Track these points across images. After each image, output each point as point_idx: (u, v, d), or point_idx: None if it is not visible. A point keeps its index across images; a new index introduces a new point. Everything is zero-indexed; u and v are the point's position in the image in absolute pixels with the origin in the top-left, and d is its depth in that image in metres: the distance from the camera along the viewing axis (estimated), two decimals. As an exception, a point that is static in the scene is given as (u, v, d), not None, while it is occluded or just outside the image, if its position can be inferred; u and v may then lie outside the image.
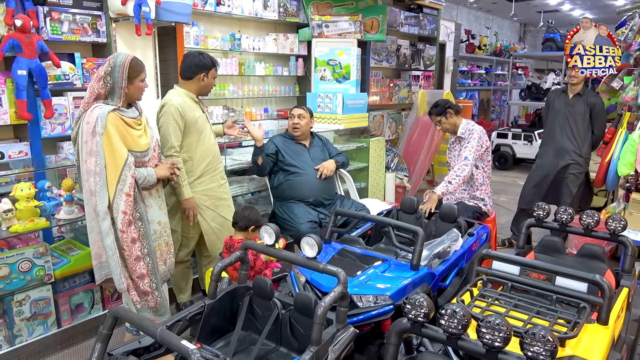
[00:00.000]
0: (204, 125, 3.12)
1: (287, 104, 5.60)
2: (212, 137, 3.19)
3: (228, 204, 3.28)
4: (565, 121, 4.32)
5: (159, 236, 2.65)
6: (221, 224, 3.21)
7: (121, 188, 2.36)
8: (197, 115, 3.07)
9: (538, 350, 1.31)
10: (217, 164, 3.23)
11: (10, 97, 3.19)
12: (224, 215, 3.22)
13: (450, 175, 3.62)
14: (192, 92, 3.09)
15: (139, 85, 2.53)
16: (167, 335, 1.50)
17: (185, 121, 2.99)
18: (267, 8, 4.92)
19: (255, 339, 2.15)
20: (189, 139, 3.03)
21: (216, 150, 3.21)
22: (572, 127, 4.28)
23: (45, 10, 3.32)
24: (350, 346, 1.93)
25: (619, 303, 2.16)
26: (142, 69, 2.54)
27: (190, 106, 3.05)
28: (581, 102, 4.26)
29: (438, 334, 1.51)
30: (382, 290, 2.42)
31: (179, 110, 2.96)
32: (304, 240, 2.02)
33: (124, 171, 2.36)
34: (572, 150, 4.30)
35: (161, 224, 2.67)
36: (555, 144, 4.37)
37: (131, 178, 2.39)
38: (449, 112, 3.84)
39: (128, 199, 2.38)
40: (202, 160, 3.10)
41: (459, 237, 2.91)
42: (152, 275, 2.54)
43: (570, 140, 4.29)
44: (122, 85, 2.43)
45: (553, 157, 4.39)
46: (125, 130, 2.43)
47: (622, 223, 2.45)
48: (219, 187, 3.22)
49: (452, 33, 8.52)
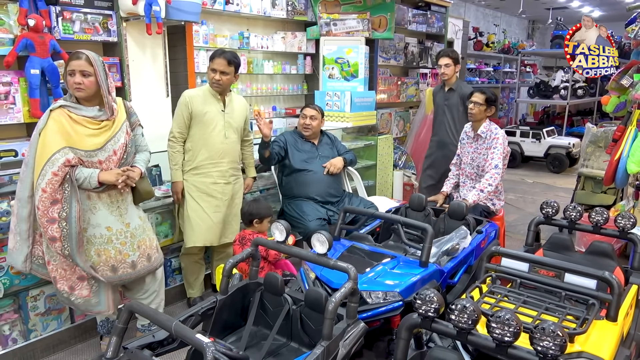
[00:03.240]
0: (214, 120, 3.19)
1: (295, 102, 5.62)
2: (221, 135, 3.22)
3: (217, 203, 3.26)
4: (443, 115, 4.54)
5: (107, 241, 2.54)
6: (202, 219, 3.23)
7: (39, 182, 2.33)
8: (207, 109, 3.17)
9: (548, 345, 1.33)
10: (219, 162, 3.24)
11: (24, 96, 3.22)
12: (207, 212, 3.24)
13: (482, 184, 3.58)
14: (212, 87, 3.22)
15: (67, 78, 2.44)
16: (181, 329, 1.53)
17: (191, 112, 3.15)
18: (276, 6, 4.95)
19: (266, 334, 2.18)
20: (194, 129, 3.19)
21: (222, 149, 3.23)
22: (449, 120, 4.49)
23: (58, 10, 3.34)
24: (360, 341, 1.96)
25: (628, 300, 2.17)
26: (69, 60, 2.46)
27: (204, 99, 3.19)
28: (455, 95, 4.44)
29: (448, 329, 1.53)
30: (391, 286, 2.44)
31: (187, 100, 3.17)
32: (315, 236, 2.05)
33: (46, 166, 2.32)
34: (450, 143, 4.47)
35: (111, 230, 2.55)
36: (437, 137, 4.60)
37: (51, 175, 2.32)
38: (492, 108, 3.79)
39: (43, 194, 2.33)
40: (201, 153, 3.19)
41: (468, 235, 2.92)
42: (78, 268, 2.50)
43: (447, 133, 4.51)
44: (65, 80, 2.45)
45: (436, 149, 4.62)
46: (70, 126, 2.40)
47: (631, 221, 2.45)
48: (212, 183, 3.24)
49: (460, 30, 8.49)
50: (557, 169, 8.69)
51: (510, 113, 13.04)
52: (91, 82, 2.43)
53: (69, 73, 2.42)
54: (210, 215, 3.23)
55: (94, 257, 2.52)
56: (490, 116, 3.80)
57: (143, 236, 2.68)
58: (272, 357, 2.07)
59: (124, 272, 2.59)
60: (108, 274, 2.55)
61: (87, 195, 2.50)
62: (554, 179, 8.30)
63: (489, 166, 3.62)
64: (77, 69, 2.41)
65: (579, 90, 9.73)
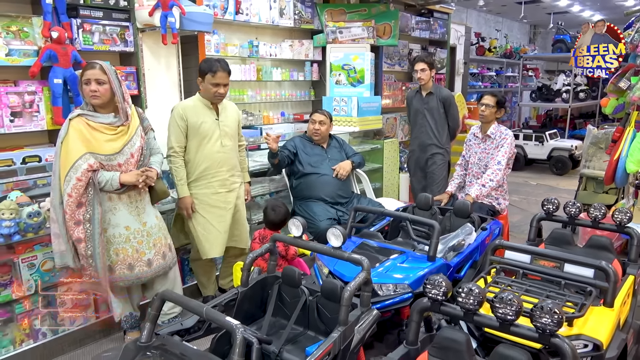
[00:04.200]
0: (210, 131, 3.17)
1: (303, 108, 5.78)
2: (217, 144, 3.20)
3: (221, 213, 3.26)
4: (423, 118, 4.65)
5: (125, 240, 2.70)
6: (208, 231, 3.24)
7: (65, 188, 2.50)
8: (202, 120, 3.15)
9: (546, 322, 1.47)
10: (217, 172, 3.23)
11: (47, 104, 3.38)
12: (212, 222, 3.24)
13: (484, 179, 3.75)
14: (204, 97, 3.21)
15: (83, 87, 2.62)
16: (212, 313, 1.68)
17: (187, 124, 3.13)
18: (283, 15, 5.12)
19: (284, 324, 2.32)
20: (191, 141, 3.17)
21: (219, 158, 3.22)
22: (430, 122, 4.62)
23: (78, 23, 3.49)
24: (373, 328, 2.10)
25: (624, 289, 2.30)
26: (84, 70, 2.63)
27: (198, 110, 3.17)
28: (434, 99, 4.58)
29: (456, 311, 1.67)
30: (401, 279, 2.58)
31: (181, 112, 3.15)
32: (330, 231, 2.20)
33: (70, 172, 2.50)
34: (432, 144, 4.64)
35: (129, 229, 2.71)
36: (419, 140, 4.72)
37: (76, 180, 2.49)
38: (502, 110, 3.95)
39: (69, 199, 2.50)
40: (199, 165, 3.18)
41: (473, 231, 3.06)
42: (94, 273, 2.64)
43: (429, 134, 4.63)
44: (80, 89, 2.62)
45: (419, 152, 4.75)
46: (89, 133, 2.57)
47: (627, 215, 2.59)
48: (213, 194, 3.23)
49: (463, 36, 8.66)
50: (560, 171, 8.80)
51: (513, 117, 13.16)
52: (106, 90, 2.61)
53: (85, 82, 2.60)
54: (216, 226, 3.24)
55: (113, 256, 2.70)
56: (498, 118, 3.96)
57: (159, 234, 2.86)
58: (290, 344, 2.21)
59: (140, 270, 2.76)
60: (125, 272, 2.72)
61: (109, 197, 2.68)
62: (557, 180, 8.41)
63: (492, 162, 3.77)
64: (92, 78, 2.59)
65: (581, 94, 9.87)
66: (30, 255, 2.81)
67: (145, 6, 3.78)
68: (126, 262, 2.70)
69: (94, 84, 2.57)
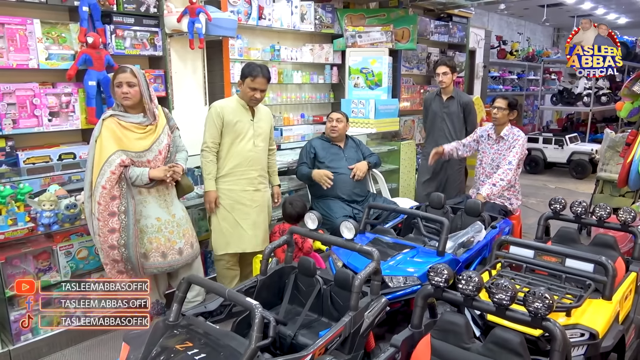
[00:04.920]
0: (244, 130, 3.32)
1: (322, 110, 5.95)
2: (250, 143, 3.34)
3: (247, 211, 3.36)
4: (442, 122, 4.69)
5: (157, 230, 2.90)
6: (232, 226, 3.35)
7: (99, 181, 2.71)
8: (237, 119, 3.30)
9: (538, 306, 1.61)
10: (248, 170, 3.35)
11: (82, 105, 3.61)
12: (238, 220, 3.35)
13: (495, 179, 3.84)
14: (241, 98, 3.37)
15: (115, 90, 2.81)
16: (234, 294, 1.86)
17: (223, 121, 3.28)
18: (304, 20, 5.30)
19: (300, 311, 2.49)
20: (225, 138, 3.31)
21: (251, 157, 3.35)
22: (449, 126, 4.65)
23: (112, 28, 3.73)
24: (382, 315, 2.25)
25: (626, 285, 2.40)
26: (116, 74, 2.83)
27: (234, 110, 3.32)
28: (455, 103, 4.61)
29: (456, 297, 1.82)
30: (410, 272, 2.73)
31: (219, 110, 3.30)
32: (343, 224, 2.36)
33: (104, 166, 2.71)
34: None
35: (160, 220, 2.92)
36: (436, 144, 4.65)
37: (110, 173, 2.71)
38: (515, 112, 4.05)
39: (103, 191, 2.71)
40: (231, 161, 3.32)
41: (482, 229, 3.19)
42: (126, 262, 2.84)
43: (447, 139, 4.64)
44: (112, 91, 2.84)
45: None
46: (121, 132, 2.78)
47: (632, 215, 2.68)
48: (242, 191, 3.34)
49: (482, 40, 8.73)
50: (579, 174, 8.78)
51: (534, 120, 13.10)
52: (136, 92, 2.82)
53: (117, 85, 2.81)
54: (240, 223, 3.35)
55: (147, 244, 2.90)
56: (512, 120, 4.06)
57: (187, 226, 3.07)
58: (305, 329, 2.37)
59: (173, 258, 2.96)
60: (159, 259, 2.93)
61: (139, 191, 2.89)
62: (576, 184, 8.40)
63: (503, 162, 3.88)
64: (124, 81, 2.80)
65: (603, 97, 9.81)
66: (67, 244, 3.05)
67: (173, 13, 4.01)
68: (160, 251, 2.92)
69: (125, 86, 2.79)
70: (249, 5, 4.75)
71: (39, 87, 3.35)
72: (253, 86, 3.23)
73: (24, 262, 2.93)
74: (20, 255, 2.91)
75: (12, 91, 3.26)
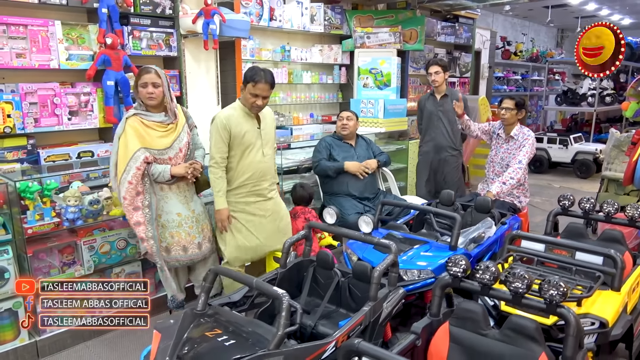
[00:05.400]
0: (252, 140, 3.10)
1: (331, 110, 6.05)
2: (259, 154, 3.15)
3: (260, 221, 3.20)
4: (439, 120, 4.74)
5: (178, 225, 2.99)
6: (248, 239, 3.17)
7: (125, 176, 2.79)
8: (245, 129, 3.07)
9: (553, 294, 1.69)
10: (260, 181, 3.18)
11: (100, 104, 3.71)
12: (253, 232, 3.18)
13: (505, 177, 3.92)
14: (244, 104, 3.11)
15: (139, 89, 2.87)
16: (261, 284, 1.95)
17: (230, 133, 3.03)
18: (314, 22, 5.40)
19: (319, 302, 2.58)
20: (233, 150, 3.08)
21: (262, 168, 3.17)
22: (445, 125, 4.71)
23: (129, 30, 3.82)
24: (399, 305, 2.34)
25: (634, 277, 2.49)
26: (141, 74, 2.88)
27: (240, 119, 3.07)
28: (449, 101, 4.66)
29: (473, 286, 1.91)
30: (424, 266, 2.82)
31: (224, 122, 3.02)
32: (361, 218, 2.45)
33: (130, 163, 2.81)
34: (448, 146, 4.73)
35: (181, 215, 3.00)
36: (434, 142, 4.77)
37: (135, 169, 2.81)
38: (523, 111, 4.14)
39: (129, 186, 2.81)
40: (242, 174, 3.12)
41: (493, 225, 3.27)
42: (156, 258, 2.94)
43: (444, 137, 4.73)
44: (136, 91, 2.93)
45: (434, 153, 4.80)
46: (144, 130, 2.86)
47: (639, 210, 2.76)
48: (254, 202, 3.19)
49: (488, 41, 8.82)
50: (584, 174, 8.85)
51: (539, 120, 13.18)
52: (160, 92, 2.91)
53: (142, 85, 2.89)
54: (255, 233, 3.19)
55: (169, 238, 3.00)
56: (520, 119, 4.15)
57: (205, 221, 3.17)
58: (324, 320, 2.46)
59: (193, 251, 3.07)
60: (180, 253, 3.03)
61: (160, 187, 2.99)
62: (580, 184, 8.48)
63: (513, 161, 3.96)
64: (149, 81, 2.89)
65: (607, 98, 9.88)
66: (90, 238, 3.14)
67: (189, 14, 4.11)
68: (180, 245, 3.02)
69: (151, 86, 2.88)
70: (261, 6, 4.85)
71: (60, 86, 3.45)
72: (254, 92, 3.00)
73: (49, 256, 3.04)
74: (46, 249, 3.01)
75: (34, 91, 3.37)
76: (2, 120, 3.23)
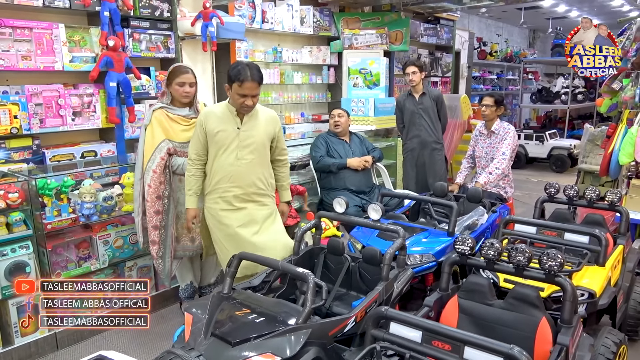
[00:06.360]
0: (226, 141, 2.81)
1: (320, 109, 6.24)
2: (232, 156, 2.82)
3: (229, 232, 2.86)
4: (420, 118, 4.96)
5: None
6: (220, 249, 2.95)
7: (150, 165, 2.97)
8: (220, 128, 2.80)
9: (551, 265, 1.92)
10: (229, 187, 2.85)
11: (103, 105, 3.80)
12: (222, 241, 2.90)
13: (490, 168, 4.20)
14: (232, 104, 2.84)
15: (175, 87, 3.05)
16: (287, 265, 2.13)
17: (204, 131, 2.83)
18: (304, 24, 5.57)
19: (330, 287, 2.75)
20: (210, 150, 2.87)
21: (233, 172, 2.83)
22: (427, 120, 4.95)
23: (129, 32, 3.93)
24: (408, 285, 2.54)
25: (615, 256, 2.75)
26: (178, 74, 3.06)
27: (219, 117, 2.83)
28: (427, 99, 4.94)
29: (479, 262, 2.12)
30: (425, 250, 3.03)
31: (202, 119, 2.85)
32: (371, 206, 2.65)
33: (155, 152, 2.99)
34: (432, 141, 4.97)
35: None
36: (419, 139, 4.98)
37: (160, 159, 2.99)
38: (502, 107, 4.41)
39: (154, 175, 2.98)
40: (214, 176, 2.88)
41: (485, 213, 3.51)
42: (161, 245, 3.10)
43: (428, 133, 4.95)
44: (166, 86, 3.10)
45: (420, 149, 5.00)
46: (168, 123, 3.04)
47: (617, 195, 3.04)
48: (221, 210, 2.87)
49: (466, 41, 9.15)
50: (559, 168, 9.25)
51: (514, 118, 13.62)
52: (194, 91, 3.12)
53: (178, 84, 3.06)
54: (227, 246, 2.88)
55: (179, 229, 3.17)
56: (500, 115, 4.43)
57: None
58: (338, 301, 2.65)
59: (200, 243, 3.22)
60: (188, 243, 3.22)
61: (179, 179, 3.14)
62: (556, 177, 8.85)
63: (497, 153, 4.24)
64: (187, 81, 3.08)
65: (579, 95, 10.33)
66: (105, 233, 3.26)
67: (187, 17, 4.25)
68: (190, 235, 3.18)
69: (188, 86, 3.07)
70: (253, 9, 5.01)
71: (63, 88, 3.54)
72: (242, 92, 2.70)
73: (66, 251, 3.14)
74: (64, 244, 3.12)
75: (39, 92, 3.45)
76: (9, 121, 3.31)
